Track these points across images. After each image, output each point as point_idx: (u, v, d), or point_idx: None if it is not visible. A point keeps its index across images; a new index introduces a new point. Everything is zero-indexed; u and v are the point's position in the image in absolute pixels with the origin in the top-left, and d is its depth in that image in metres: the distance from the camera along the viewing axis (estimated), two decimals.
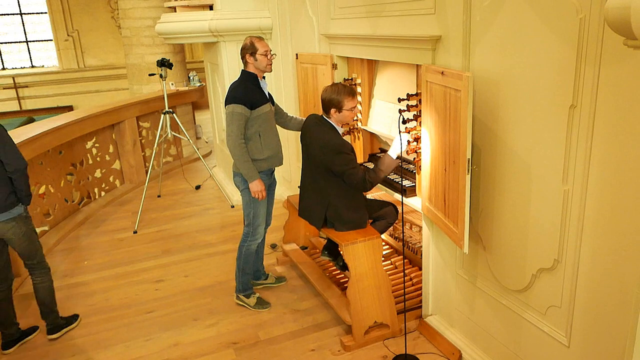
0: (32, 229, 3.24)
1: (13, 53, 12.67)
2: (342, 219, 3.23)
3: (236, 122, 3.27)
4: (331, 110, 3.18)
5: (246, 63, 3.38)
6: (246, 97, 3.30)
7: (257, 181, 3.38)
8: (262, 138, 3.41)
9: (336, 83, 3.30)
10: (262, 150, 3.43)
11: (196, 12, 5.47)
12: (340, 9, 3.83)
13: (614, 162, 1.89)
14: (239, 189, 3.54)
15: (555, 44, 2.02)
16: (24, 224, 3.15)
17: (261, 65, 3.37)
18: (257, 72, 3.39)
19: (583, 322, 2.16)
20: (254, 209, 3.50)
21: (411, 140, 3.08)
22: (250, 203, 3.48)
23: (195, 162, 7.65)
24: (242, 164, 3.34)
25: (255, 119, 3.35)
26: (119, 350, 3.28)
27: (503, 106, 2.37)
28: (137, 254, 4.70)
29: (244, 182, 3.45)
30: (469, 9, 2.47)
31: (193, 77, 8.26)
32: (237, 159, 3.35)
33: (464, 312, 2.97)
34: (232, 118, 3.28)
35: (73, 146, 5.62)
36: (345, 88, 3.19)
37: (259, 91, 3.39)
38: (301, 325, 3.45)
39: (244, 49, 3.36)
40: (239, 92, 3.32)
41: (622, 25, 1.30)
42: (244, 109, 3.27)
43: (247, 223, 3.55)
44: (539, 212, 2.28)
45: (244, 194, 3.50)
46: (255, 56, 3.33)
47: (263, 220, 3.59)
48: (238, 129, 3.28)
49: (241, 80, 3.40)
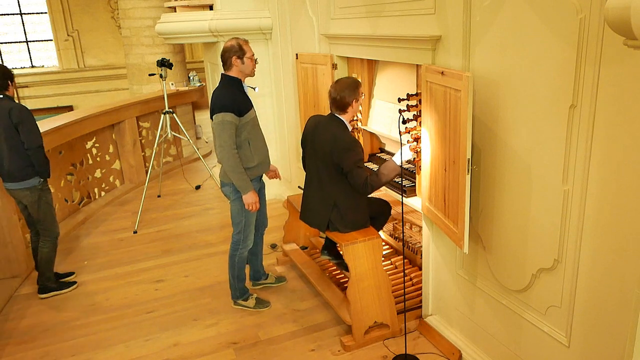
0: (46, 200, 3.76)
1: (13, 53, 12.68)
2: (345, 221, 3.21)
3: (227, 131, 3.13)
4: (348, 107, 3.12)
5: (230, 66, 3.22)
6: (234, 104, 3.16)
7: (251, 193, 3.29)
8: (252, 145, 3.30)
9: (342, 79, 3.21)
10: (253, 158, 3.32)
11: (196, 12, 5.47)
12: (340, 9, 3.83)
13: (614, 162, 1.89)
14: (229, 199, 3.43)
15: (555, 44, 2.02)
16: (36, 194, 3.69)
17: (247, 69, 3.26)
18: (240, 76, 3.27)
19: (583, 322, 2.16)
20: (245, 218, 3.43)
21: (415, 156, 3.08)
22: (242, 212, 3.40)
23: (195, 162, 7.65)
24: (235, 176, 3.22)
25: (244, 126, 3.22)
26: (119, 350, 3.28)
27: (503, 106, 2.37)
28: (137, 254, 4.70)
29: (235, 192, 3.35)
30: (469, 9, 2.47)
31: (193, 77, 8.25)
32: (230, 170, 3.21)
33: (464, 312, 2.97)
34: (222, 127, 3.13)
35: (73, 146, 5.62)
36: (353, 82, 3.14)
37: (244, 97, 3.27)
38: (301, 325, 3.45)
39: (229, 50, 3.19)
40: (227, 99, 3.17)
41: (622, 25, 1.30)
42: (233, 117, 3.14)
43: (238, 231, 3.48)
44: (539, 212, 2.28)
45: (235, 204, 3.40)
46: (243, 59, 3.22)
47: (253, 227, 3.55)
48: (230, 138, 3.15)
49: (225, 86, 3.25)
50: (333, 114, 3.19)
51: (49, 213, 3.80)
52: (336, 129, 3.12)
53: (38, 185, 3.69)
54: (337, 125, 3.14)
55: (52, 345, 3.35)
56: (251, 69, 3.29)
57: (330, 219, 3.24)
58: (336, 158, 3.07)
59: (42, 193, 3.74)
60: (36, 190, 3.69)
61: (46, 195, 3.78)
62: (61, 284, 4.01)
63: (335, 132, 3.10)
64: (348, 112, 3.14)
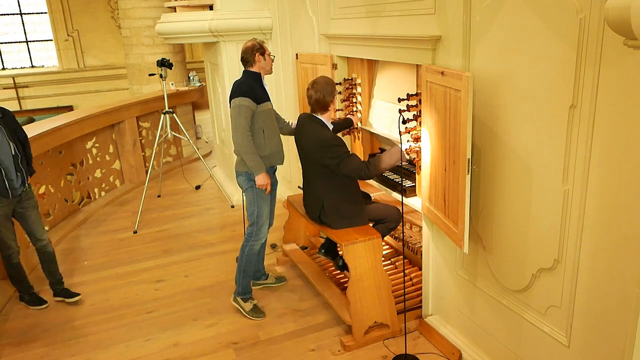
0: None
1: (13, 53, 12.66)
2: (337, 215, 3.27)
3: (243, 114, 3.30)
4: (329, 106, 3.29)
5: (253, 62, 3.42)
6: (252, 91, 3.35)
7: (264, 174, 3.39)
8: (266, 134, 3.44)
9: (318, 79, 3.33)
10: (265, 147, 3.45)
11: (196, 12, 5.46)
12: (340, 9, 3.83)
13: (614, 162, 1.89)
14: (242, 189, 3.54)
15: (555, 44, 2.02)
16: None
17: (267, 66, 3.48)
18: (261, 71, 3.47)
19: (583, 322, 2.16)
20: (257, 207, 3.50)
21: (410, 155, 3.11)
22: (254, 202, 3.48)
23: (195, 162, 7.65)
24: (249, 156, 3.35)
25: (260, 114, 3.39)
26: (119, 350, 3.28)
27: (503, 106, 2.37)
28: (137, 254, 4.70)
29: (247, 181, 3.46)
30: (469, 9, 2.47)
31: (193, 77, 8.26)
32: (244, 151, 3.35)
33: (464, 312, 2.97)
34: (239, 111, 3.31)
35: (73, 146, 5.62)
36: (330, 81, 3.30)
37: (262, 89, 3.46)
38: (301, 325, 3.45)
39: (252, 48, 3.41)
40: (245, 86, 3.37)
41: (622, 25, 1.30)
42: (250, 102, 3.31)
43: (251, 222, 3.54)
44: (539, 212, 2.28)
45: (248, 193, 3.50)
46: (265, 56, 3.44)
47: (267, 220, 3.59)
48: (245, 121, 3.31)
49: (245, 77, 3.46)
50: (312, 115, 3.32)
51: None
52: (316, 130, 3.26)
53: None
54: (316, 125, 3.28)
55: (52, 345, 3.35)
56: (270, 66, 3.52)
57: (320, 214, 3.34)
58: (321, 158, 3.19)
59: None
60: None
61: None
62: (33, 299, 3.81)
63: (314, 134, 3.24)
64: (329, 110, 3.30)
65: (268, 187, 3.45)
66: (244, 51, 3.44)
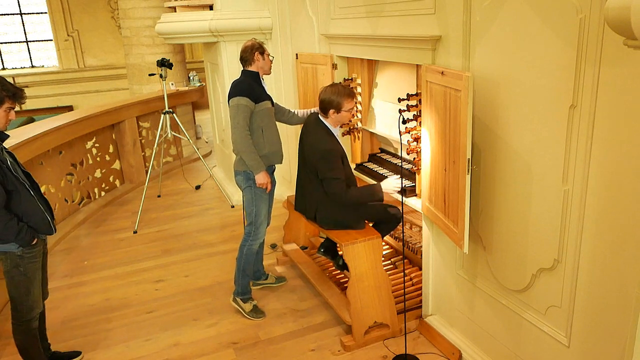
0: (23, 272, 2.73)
1: (13, 53, 12.67)
2: (334, 224, 3.28)
3: (242, 113, 3.31)
4: (330, 111, 3.20)
5: (252, 61, 3.43)
6: (250, 90, 3.36)
7: (263, 173, 3.40)
8: (265, 133, 3.45)
9: (335, 84, 3.34)
10: (264, 146, 3.46)
11: (196, 12, 5.46)
12: (340, 9, 3.83)
13: (614, 162, 1.89)
14: (241, 188, 3.55)
15: (556, 44, 2.02)
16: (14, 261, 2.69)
17: (266, 66, 3.49)
18: (260, 71, 3.48)
19: (583, 322, 2.16)
20: (256, 207, 3.50)
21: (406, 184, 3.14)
22: (252, 201, 3.49)
23: (195, 162, 7.65)
24: (248, 155, 3.36)
25: (258, 113, 3.40)
26: (119, 350, 3.28)
27: (503, 106, 2.37)
28: (137, 254, 4.70)
29: (246, 181, 3.46)
30: (469, 9, 2.47)
31: (193, 77, 8.26)
32: (243, 150, 3.36)
33: (464, 312, 2.97)
34: (237, 110, 3.32)
35: (73, 146, 5.62)
36: (344, 89, 3.22)
37: (260, 88, 3.47)
38: (301, 325, 3.45)
39: (251, 47, 3.42)
40: (243, 85, 3.39)
41: (622, 25, 1.30)
42: (248, 101, 3.32)
43: (249, 222, 3.55)
44: (539, 212, 2.28)
45: (246, 192, 3.50)
46: (264, 56, 3.45)
47: (265, 219, 3.59)
48: (244, 120, 3.32)
49: (244, 77, 3.47)
50: (318, 117, 3.30)
51: (22, 288, 2.73)
52: (318, 135, 3.24)
53: (17, 251, 2.67)
54: (320, 133, 3.24)
55: (52, 345, 3.34)
56: (269, 66, 3.53)
57: (316, 216, 3.35)
58: (314, 166, 3.21)
59: (22, 262, 2.70)
60: (14, 258, 2.68)
61: (25, 266, 2.71)
62: None
63: (315, 140, 3.23)
64: (329, 117, 3.23)
65: (268, 185, 3.46)
66: (243, 50, 3.46)
